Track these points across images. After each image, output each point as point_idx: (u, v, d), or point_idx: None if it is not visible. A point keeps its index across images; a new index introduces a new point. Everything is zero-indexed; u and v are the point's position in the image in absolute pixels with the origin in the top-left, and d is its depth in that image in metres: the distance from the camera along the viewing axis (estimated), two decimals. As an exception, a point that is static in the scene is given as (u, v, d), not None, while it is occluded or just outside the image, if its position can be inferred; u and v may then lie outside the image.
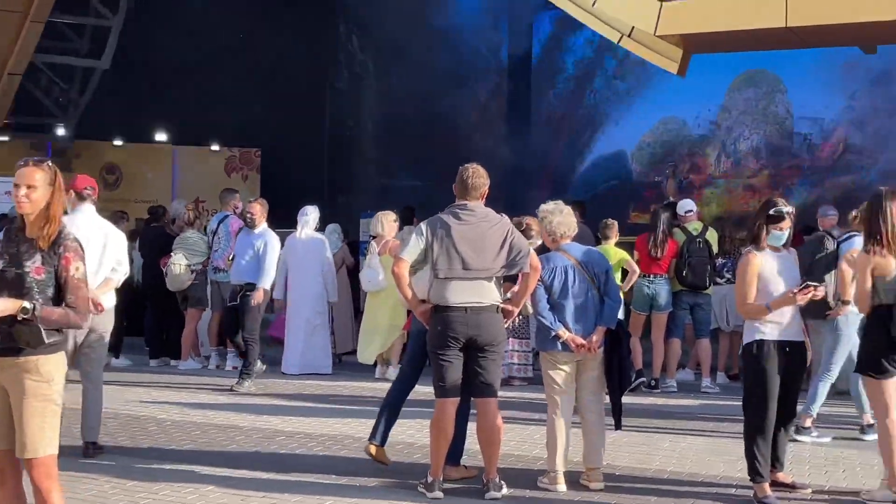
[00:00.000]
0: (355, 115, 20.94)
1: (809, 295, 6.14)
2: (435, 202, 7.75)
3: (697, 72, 13.80)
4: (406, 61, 19.42)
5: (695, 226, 10.99)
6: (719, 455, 7.59)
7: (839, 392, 10.36)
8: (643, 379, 10.71)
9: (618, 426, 6.85)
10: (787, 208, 6.32)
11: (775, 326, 6.24)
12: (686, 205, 11.31)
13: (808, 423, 8.24)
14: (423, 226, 6.52)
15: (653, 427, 8.78)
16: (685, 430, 8.68)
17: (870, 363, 6.41)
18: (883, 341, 6.33)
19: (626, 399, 7.42)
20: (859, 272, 6.44)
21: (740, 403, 6.49)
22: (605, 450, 6.89)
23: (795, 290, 6.15)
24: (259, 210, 10.92)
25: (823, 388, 8.40)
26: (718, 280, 11.24)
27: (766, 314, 6.22)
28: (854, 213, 8.43)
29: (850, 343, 8.30)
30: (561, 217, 6.89)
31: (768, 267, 6.29)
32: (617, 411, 6.80)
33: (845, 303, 7.77)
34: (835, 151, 18.46)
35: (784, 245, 6.38)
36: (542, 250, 7.14)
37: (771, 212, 6.30)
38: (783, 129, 19.24)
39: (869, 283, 6.37)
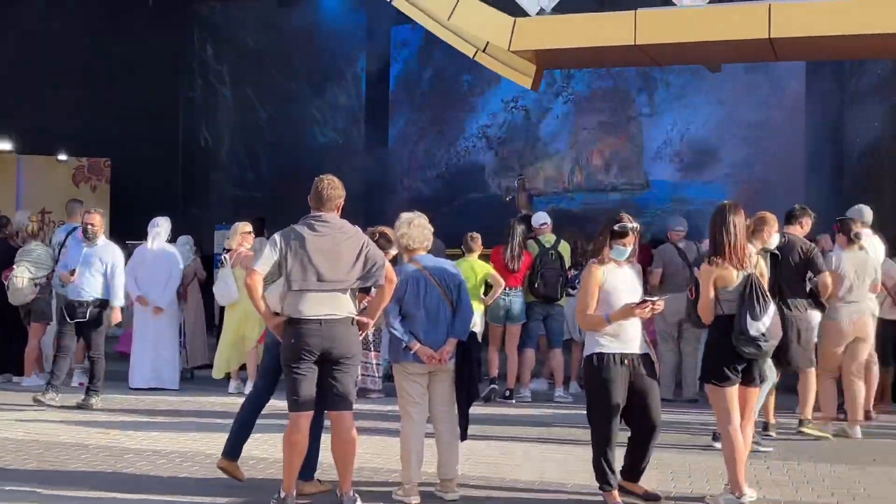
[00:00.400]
0: (210, 125, 20.58)
1: (648, 309, 6.28)
2: (291, 214, 7.65)
3: (550, 82, 14.11)
4: (262, 70, 19.23)
5: (548, 238, 11.17)
6: (572, 463, 7.70)
7: (688, 400, 10.71)
8: (495, 387, 10.82)
9: (463, 437, 6.88)
10: (632, 224, 6.46)
11: (615, 339, 6.37)
12: (540, 217, 11.50)
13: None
14: (276, 237, 6.44)
15: (507, 436, 8.87)
16: (539, 439, 8.79)
17: (712, 371, 6.62)
18: (725, 350, 6.54)
19: (481, 409, 7.51)
20: (703, 283, 6.63)
21: (590, 413, 6.60)
22: (460, 460, 6.91)
23: (634, 304, 6.29)
24: (99, 221, 10.50)
25: (762, 395, 8.58)
26: (571, 291, 11.42)
27: (605, 326, 6.35)
28: (749, 221, 8.72)
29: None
30: (414, 228, 6.90)
31: (611, 279, 6.42)
32: (464, 423, 6.83)
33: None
34: (686, 165, 19.10)
35: (628, 259, 6.54)
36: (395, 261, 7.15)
37: (615, 227, 6.44)
38: (636, 143, 19.80)
39: (712, 294, 6.58)
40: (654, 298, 6.34)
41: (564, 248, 11.18)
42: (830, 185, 17.40)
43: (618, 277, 6.46)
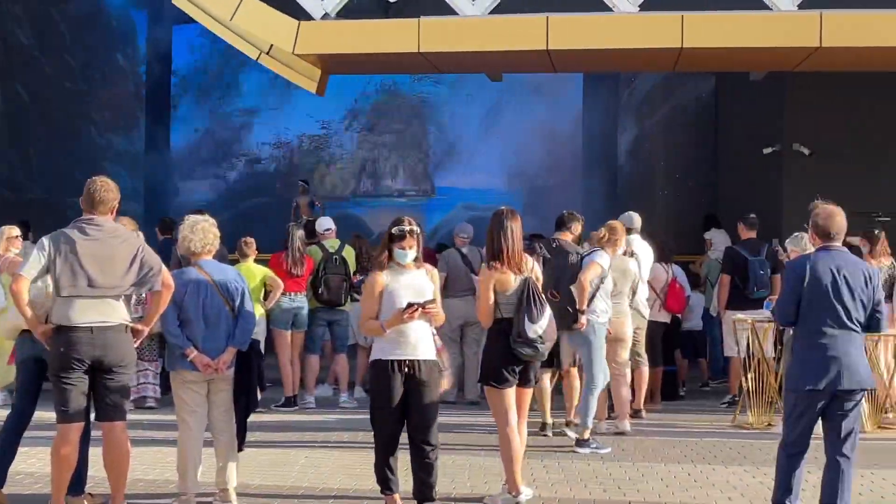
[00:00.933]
0: (-24, 123, 19.48)
1: (417, 314, 6.24)
2: (65, 217, 7.32)
3: (339, 91, 14.08)
4: (33, 64, 18.33)
5: (332, 243, 11.13)
6: (354, 468, 7.70)
7: (470, 402, 10.88)
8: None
9: (240, 448, 6.76)
10: (410, 227, 6.40)
11: (395, 345, 6.31)
12: (325, 223, 11.43)
13: (586, 435, 8.64)
14: (45, 240, 6.15)
15: (290, 443, 8.79)
16: (323, 445, 8.74)
17: (491, 373, 6.75)
18: (503, 352, 6.68)
19: (265, 417, 7.37)
20: (482, 287, 6.76)
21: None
22: (239, 469, 6.78)
23: (401, 309, 6.27)
24: None
25: (593, 400, 8.78)
26: (356, 296, 11.43)
27: (383, 333, 6.33)
28: (602, 231, 9.16)
29: (603, 350, 8.84)
30: (198, 232, 6.72)
31: (393, 284, 6.38)
32: (242, 432, 6.72)
33: (582, 313, 8.57)
34: (471, 172, 19.52)
35: (415, 262, 6.48)
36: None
37: (393, 230, 6.43)
38: (422, 149, 20.08)
39: (491, 298, 6.72)
40: (421, 301, 6.31)
41: (349, 253, 11.16)
42: (605, 191, 18.15)
43: (401, 282, 6.41)
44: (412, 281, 6.44)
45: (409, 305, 6.25)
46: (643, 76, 18.30)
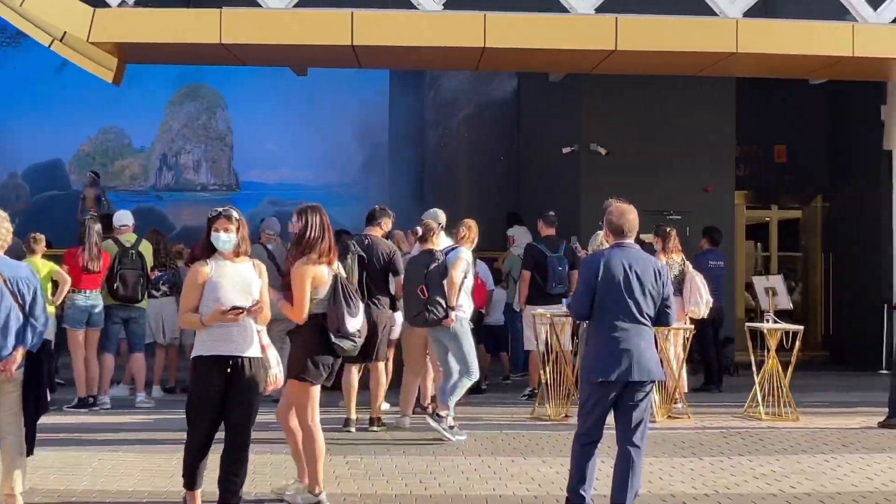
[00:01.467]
0: None
1: (241, 317, 6.03)
2: None
3: (139, 82, 13.65)
4: None
5: (128, 237, 10.76)
6: (151, 469, 7.49)
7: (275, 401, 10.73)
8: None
9: (30, 451, 6.40)
10: (228, 211, 6.15)
11: (217, 341, 6.08)
12: (122, 217, 11.01)
13: (443, 412, 8.91)
14: None
15: (84, 444, 8.47)
16: (117, 447, 8.44)
17: (303, 369, 6.65)
18: (319, 348, 6.60)
19: (57, 419, 7.03)
20: (299, 281, 6.59)
21: (176, 416, 6.39)
22: (29, 472, 6.48)
23: (225, 309, 6.01)
24: None
25: (465, 385, 9.08)
26: (154, 293, 11.12)
27: (202, 327, 6.12)
28: (461, 229, 9.33)
29: (470, 340, 9.14)
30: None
31: (218, 278, 6.11)
32: (31, 436, 6.36)
33: (453, 308, 8.80)
34: (276, 166, 19.33)
35: (236, 252, 6.12)
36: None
37: (210, 213, 6.19)
38: (226, 142, 19.73)
39: (308, 293, 6.59)
40: (247, 307, 6.05)
41: (146, 248, 10.81)
42: (412, 187, 18.30)
43: (226, 275, 6.12)
44: (237, 274, 6.17)
45: (234, 308, 6.00)
46: (449, 75, 18.53)
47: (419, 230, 9.41)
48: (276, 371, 6.41)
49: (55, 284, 9.95)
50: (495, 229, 14.61)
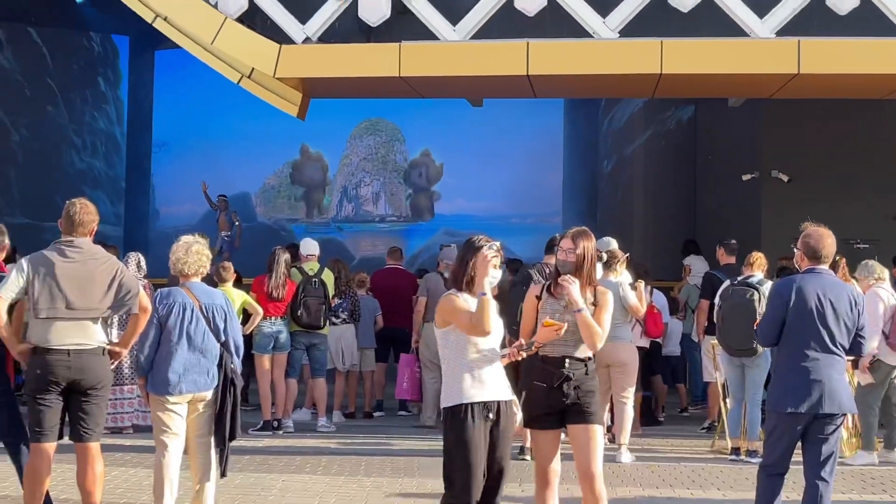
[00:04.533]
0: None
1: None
2: (42, 241, 7.27)
3: (319, 116, 14.11)
4: (15, 90, 18.27)
5: (311, 266, 11.09)
6: (335, 493, 7.64)
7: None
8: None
9: (223, 473, 6.62)
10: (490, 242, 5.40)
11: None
12: (309, 247, 11.35)
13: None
14: (23, 261, 6.15)
15: (268, 467, 8.71)
16: (303, 470, 8.66)
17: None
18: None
19: (244, 442, 7.23)
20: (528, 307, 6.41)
21: (355, 440, 6.48)
22: (215, 493, 6.72)
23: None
24: None
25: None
26: (335, 321, 11.41)
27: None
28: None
29: None
30: (192, 255, 6.65)
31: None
32: (223, 458, 6.55)
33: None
34: (453, 196, 19.61)
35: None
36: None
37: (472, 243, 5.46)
38: (402, 174, 20.15)
39: None
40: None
41: (328, 277, 11.12)
42: (586, 213, 18.23)
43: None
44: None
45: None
46: (624, 102, 18.41)
47: (604, 256, 9.25)
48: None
49: (246, 315, 10.32)
50: (669, 258, 14.37)
